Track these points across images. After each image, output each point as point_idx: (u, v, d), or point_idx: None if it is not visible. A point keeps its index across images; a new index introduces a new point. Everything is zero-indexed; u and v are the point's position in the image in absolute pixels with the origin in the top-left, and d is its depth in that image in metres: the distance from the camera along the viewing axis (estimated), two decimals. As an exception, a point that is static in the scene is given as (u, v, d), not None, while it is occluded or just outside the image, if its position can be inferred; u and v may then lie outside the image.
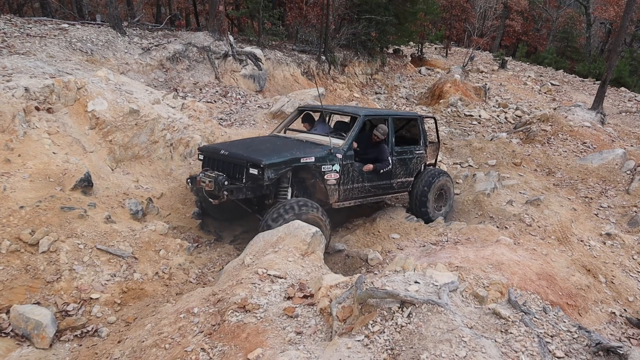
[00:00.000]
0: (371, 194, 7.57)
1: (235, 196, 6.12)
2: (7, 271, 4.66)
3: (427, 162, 8.67)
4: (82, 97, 6.89)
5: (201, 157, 6.83)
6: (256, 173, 6.00)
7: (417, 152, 8.17)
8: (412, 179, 8.21)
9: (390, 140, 7.58)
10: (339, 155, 6.79)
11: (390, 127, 7.62)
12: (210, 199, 6.31)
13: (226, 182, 6.06)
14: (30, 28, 10.14)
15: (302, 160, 6.36)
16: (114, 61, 10.39)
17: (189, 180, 6.57)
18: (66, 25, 10.88)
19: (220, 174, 6.19)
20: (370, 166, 7.23)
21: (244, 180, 6.18)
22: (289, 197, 6.43)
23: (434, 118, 9.18)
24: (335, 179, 6.81)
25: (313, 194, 6.94)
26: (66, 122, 6.61)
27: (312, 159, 6.47)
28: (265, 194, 6.41)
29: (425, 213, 8.17)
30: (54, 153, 6.06)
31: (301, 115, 8.31)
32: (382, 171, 7.41)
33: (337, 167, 6.77)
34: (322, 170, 6.63)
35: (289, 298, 4.05)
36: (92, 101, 6.93)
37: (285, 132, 8.09)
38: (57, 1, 17.00)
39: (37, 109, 6.36)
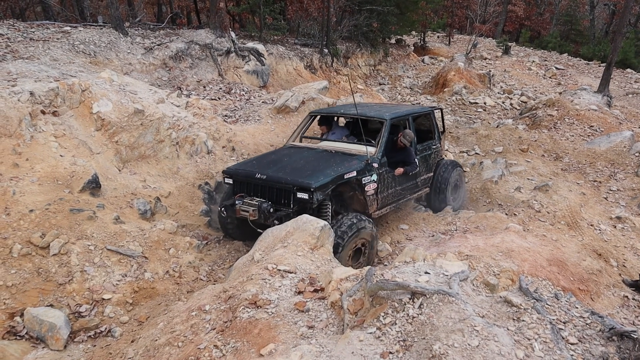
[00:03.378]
0: (402, 197, 7.46)
1: (284, 222, 5.79)
2: (19, 275, 4.70)
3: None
4: (87, 99, 6.91)
5: (229, 180, 6.42)
6: (306, 197, 5.70)
7: (434, 147, 8.16)
8: (432, 174, 8.18)
9: (413, 141, 7.44)
10: (376, 165, 6.62)
11: (411, 125, 7.49)
12: (259, 230, 5.79)
13: (272, 210, 5.79)
14: (33, 32, 10.16)
15: (345, 177, 6.13)
16: (117, 62, 10.40)
17: (223, 209, 6.19)
18: (68, 28, 10.90)
19: (262, 200, 5.88)
20: (401, 170, 7.11)
21: (291, 206, 5.87)
22: (330, 212, 6.21)
23: (441, 109, 9.15)
24: (374, 189, 6.63)
25: (350, 205, 6.75)
26: (72, 124, 6.63)
27: (354, 174, 6.25)
28: (309, 214, 6.13)
29: (445, 206, 8.19)
30: (61, 156, 6.10)
31: (316, 119, 8.10)
32: (410, 173, 7.34)
33: (375, 176, 6.60)
34: (363, 182, 6.43)
35: (299, 292, 4.05)
36: (97, 103, 6.95)
37: (301, 140, 7.79)
38: (59, 4, 17.04)
39: (43, 112, 6.39)
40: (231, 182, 6.39)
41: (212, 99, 10.80)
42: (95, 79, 7.51)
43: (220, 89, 11.60)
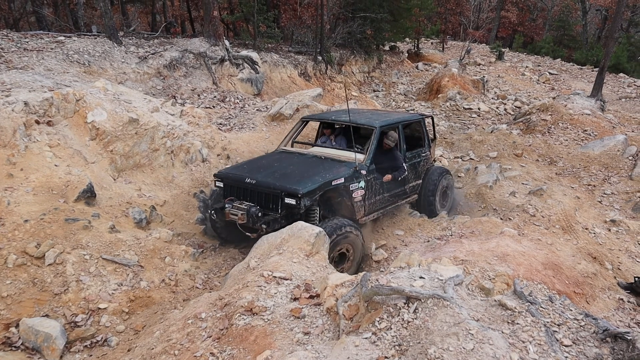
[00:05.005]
0: (390, 203, 7.55)
1: (272, 227, 5.89)
2: (14, 285, 4.69)
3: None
4: (82, 108, 6.92)
5: (219, 184, 6.53)
6: (293, 203, 5.81)
7: (424, 154, 8.25)
8: (421, 181, 8.25)
9: (401, 147, 7.54)
10: (364, 172, 6.71)
11: (401, 133, 7.56)
12: (247, 233, 5.99)
13: (260, 214, 5.87)
14: (27, 42, 10.18)
15: (333, 183, 6.23)
16: (111, 71, 10.42)
17: (213, 212, 6.31)
18: (62, 38, 10.92)
19: (251, 204, 5.97)
20: (389, 176, 7.19)
21: (279, 211, 5.96)
22: (317, 218, 6.29)
23: (432, 117, 9.24)
24: (361, 196, 6.73)
25: (338, 211, 6.78)
26: (66, 134, 6.64)
27: (342, 180, 6.36)
28: (296, 219, 6.11)
29: (433, 212, 8.24)
30: (55, 165, 6.09)
31: (307, 125, 8.21)
32: (399, 179, 7.40)
33: (362, 183, 6.70)
34: (350, 189, 6.53)
35: (295, 299, 4.06)
36: (92, 112, 6.95)
37: (292, 146, 7.90)
38: (53, 14, 17.07)
39: (37, 122, 6.39)
40: (222, 185, 6.50)
41: (207, 107, 10.83)
42: (89, 88, 7.53)
43: (215, 97, 11.63)
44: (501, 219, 7.83)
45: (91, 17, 20.82)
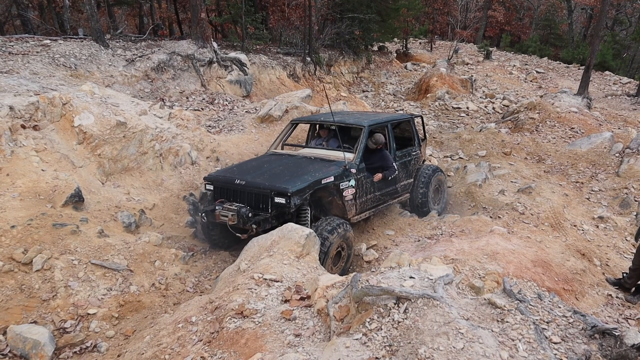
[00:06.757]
0: (381, 202, 7.59)
1: (262, 227, 5.92)
2: (1, 292, 4.64)
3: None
4: (68, 112, 6.86)
5: (209, 187, 6.53)
6: (283, 202, 5.83)
7: (414, 153, 8.31)
8: (412, 179, 8.31)
9: (391, 146, 7.58)
10: (353, 170, 6.74)
11: (390, 132, 7.61)
12: (237, 234, 5.98)
13: (250, 214, 5.88)
14: (12, 46, 10.07)
15: (323, 182, 6.25)
16: (98, 74, 10.34)
17: (203, 215, 6.27)
18: (48, 41, 10.82)
19: (241, 205, 5.97)
20: (379, 175, 7.22)
21: (269, 210, 5.98)
22: (309, 217, 6.32)
23: (421, 116, 9.27)
24: (352, 194, 6.77)
25: (329, 210, 6.85)
26: (53, 138, 6.58)
27: (332, 179, 6.39)
28: (287, 219, 6.17)
29: (427, 211, 8.29)
30: (42, 170, 6.03)
31: (297, 127, 8.28)
32: (389, 178, 7.43)
33: (352, 182, 6.73)
34: (341, 187, 6.56)
35: (286, 301, 4.05)
36: (79, 116, 6.90)
37: (282, 148, 7.91)
38: (39, 17, 16.92)
39: (23, 126, 6.32)
40: (212, 188, 6.49)
41: (195, 110, 10.78)
42: (76, 92, 7.46)
43: (203, 99, 11.58)
44: (491, 217, 7.88)
45: (77, 20, 20.63)
